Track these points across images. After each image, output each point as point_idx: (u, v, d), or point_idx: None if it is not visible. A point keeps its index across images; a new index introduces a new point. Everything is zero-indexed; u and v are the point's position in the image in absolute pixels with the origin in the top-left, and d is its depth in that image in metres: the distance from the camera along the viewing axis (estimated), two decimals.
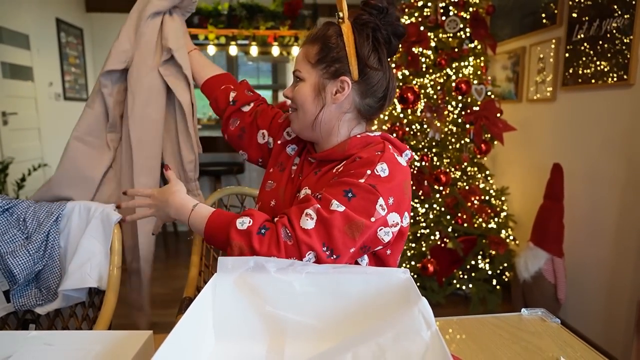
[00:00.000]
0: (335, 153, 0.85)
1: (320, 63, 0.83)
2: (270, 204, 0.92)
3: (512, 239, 2.50)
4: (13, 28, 3.99)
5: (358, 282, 0.66)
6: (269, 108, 1.06)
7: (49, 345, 0.60)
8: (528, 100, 2.55)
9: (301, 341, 0.65)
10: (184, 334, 0.55)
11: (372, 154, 0.79)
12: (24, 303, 1.03)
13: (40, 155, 4.37)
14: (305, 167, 0.92)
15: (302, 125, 0.87)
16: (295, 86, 0.86)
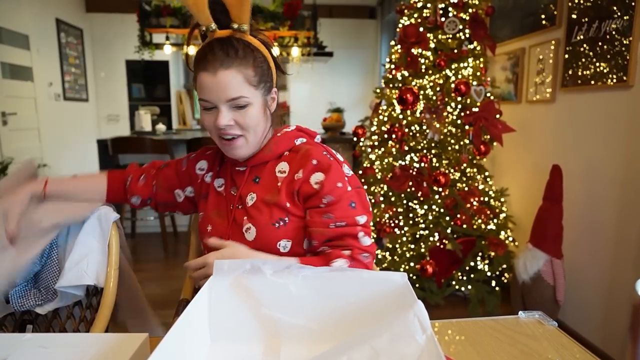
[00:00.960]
0: (265, 155, 0.92)
1: (260, 83, 0.85)
2: (207, 229, 0.93)
3: (512, 240, 2.50)
4: (13, 28, 3.99)
5: (354, 285, 0.66)
6: (162, 171, 1.05)
7: (44, 347, 0.60)
8: (527, 102, 2.55)
9: (297, 344, 0.65)
10: (179, 336, 0.55)
11: (320, 155, 0.88)
12: (23, 303, 1.03)
13: (40, 155, 4.37)
14: (237, 179, 0.94)
15: (254, 146, 0.89)
16: (237, 112, 0.83)
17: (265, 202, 0.88)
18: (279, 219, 0.87)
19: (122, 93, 5.84)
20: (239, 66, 0.81)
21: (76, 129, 5.16)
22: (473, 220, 2.39)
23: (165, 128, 4.45)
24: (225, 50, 0.81)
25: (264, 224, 0.87)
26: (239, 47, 0.82)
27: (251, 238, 0.87)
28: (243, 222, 0.89)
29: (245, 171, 0.93)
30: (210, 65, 0.81)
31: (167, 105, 6.08)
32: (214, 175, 0.99)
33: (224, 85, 0.81)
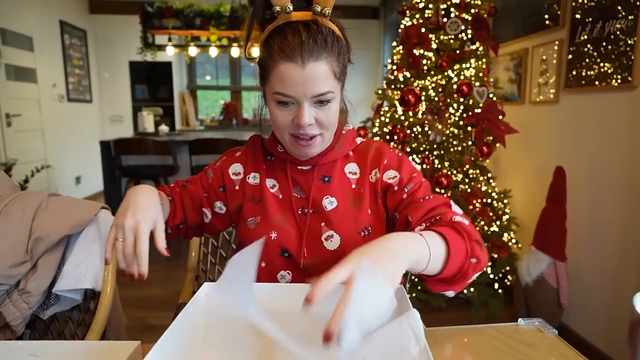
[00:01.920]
0: (335, 153, 0.85)
1: (342, 75, 0.76)
2: (271, 237, 0.81)
3: (515, 243, 2.48)
4: (17, 30, 4.01)
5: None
6: (187, 188, 0.90)
7: (35, 356, 0.59)
8: (531, 102, 2.52)
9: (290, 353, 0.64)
10: (173, 341, 0.55)
11: (389, 151, 0.86)
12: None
13: (44, 156, 4.39)
14: (300, 179, 0.84)
15: (328, 143, 0.81)
16: (320, 108, 0.73)
17: (349, 208, 0.81)
18: (364, 227, 0.80)
19: (126, 94, 5.87)
20: (328, 57, 0.71)
21: (80, 130, 5.18)
22: (475, 222, 2.37)
23: (168, 129, 4.46)
24: (314, 38, 0.69)
25: (349, 233, 0.79)
26: (327, 35, 0.71)
27: (333, 247, 0.78)
28: (321, 229, 0.80)
29: (311, 170, 0.84)
30: (297, 55, 0.69)
31: (171, 106, 6.10)
32: (262, 175, 0.86)
33: (314, 79, 0.70)
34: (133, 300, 2.54)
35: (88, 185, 5.23)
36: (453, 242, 0.62)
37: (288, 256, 0.81)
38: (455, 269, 0.63)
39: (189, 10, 3.71)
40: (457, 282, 0.67)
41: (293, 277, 0.82)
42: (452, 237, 0.63)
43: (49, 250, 1.04)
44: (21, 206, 1.05)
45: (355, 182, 0.84)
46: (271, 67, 0.72)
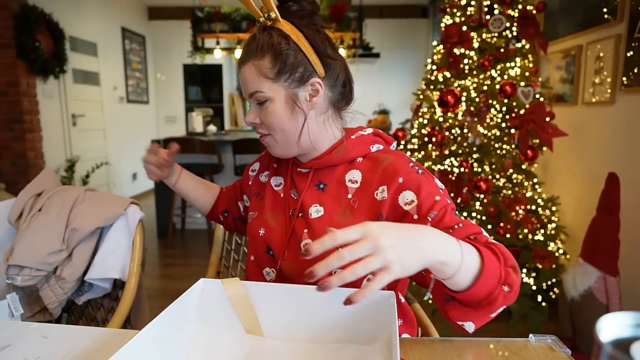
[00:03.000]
0: (332, 158, 0.80)
1: (281, 74, 0.75)
2: (259, 233, 0.84)
3: (562, 253, 2.32)
4: (83, 37, 4.36)
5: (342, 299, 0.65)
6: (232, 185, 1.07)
7: (45, 337, 0.64)
8: (584, 103, 2.35)
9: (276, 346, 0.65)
10: (169, 320, 0.58)
11: (407, 169, 0.75)
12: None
13: (104, 154, 4.73)
14: (297, 181, 0.84)
15: (286, 146, 0.80)
16: (260, 110, 0.77)
17: (334, 219, 0.76)
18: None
19: (180, 95, 6.18)
20: (254, 59, 0.75)
21: (137, 129, 5.53)
22: (518, 230, 2.24)
23: (215, 129, 4.64)
24: (248, 45, 0.77)
25: None
26: (258, 38, 0.76)
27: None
28: (303, 235, 0.78)
29: (307, 174, 0.83)
30: (238, 63, 0.80)
31: (221, 107, 6.34)
32: (270, 173, 0.91)
33: (244, 81, 0.77)
34: (158, 292, 2.67)
35: (143, 181, 5.57)
36: (488, 260, 0.57)
37: (272, 254, 0.82)
38: (484, 291, 0.57)
39: (236, 14, 3.84)
40: (481, 310, 0.61)
41: (276, 275, 0.83)
42: (488, 256, 0.58)
43: (83, 241, 1.12)
44: (60, 199, 1.15)
45: (353, 192, 0.78)
46: None
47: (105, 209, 1.14)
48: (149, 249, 3.52)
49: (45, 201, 1.15)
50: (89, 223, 1.11)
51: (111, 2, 4.90)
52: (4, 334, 0.65)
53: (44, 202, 1.15)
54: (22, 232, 1.08)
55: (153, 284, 2.82)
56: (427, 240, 0.52)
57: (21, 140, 3.46)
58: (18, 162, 3.48)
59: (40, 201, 1.15)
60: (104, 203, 1.17)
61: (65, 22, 3.87)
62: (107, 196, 1.19)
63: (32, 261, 1.04)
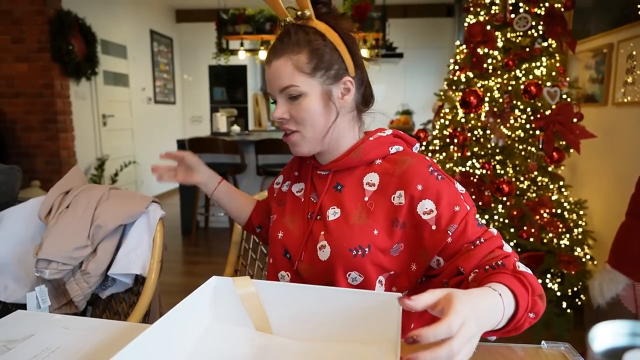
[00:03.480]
0: (350, 160, 0.80)
1: (317, 70, 0.76)
2: (277, 236, 0.86)
3: (590, 259, 2.24)
4: (114, 40, 4.51)
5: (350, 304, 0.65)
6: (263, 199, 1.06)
7: (66, 329, 0.68)
8: (614, 104, 2.26)
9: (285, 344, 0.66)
10: (180, 315, 0.60)
11: (427, 175, 0.74)
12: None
13: (132, 153, 4.88)
14: (317, 184, 0.85)
15: (313, 143, 0.80)
16: (291, 104, 0.77)
17: (350, 221, 0.77)
18: (358, 245, 0.75)
19: (205, 96, 6.30)
20: (289, 53, 0.75)
21: (164, 129, 5.67)
22: (543, 234, 2.18)
23: (239, 129, 4.71)
24: (280, 40, 0.77)
25: (340, 247, 0.76)
26: (292, 34, 0.76)
27: (324, 258, 0.78)
28: (319, 237, 0.79)
29: (327, 176, 0.84)
30: (268, 57, 0.78)
31: (245, 107, 6.43)
32: (292, 182, 0.92)
33: (275, 75, 0.76)
34: (180, 288, 2.73)
35: None
36: (521, 298, 0.59)
37: (289, 257, 0.83)
38: (513, 324, 0.60)
39: (260, 15, 3.89)
40: (507, 333, 0.63)
41: (291, 278, 0.84)
42: (521, 293, 0.59)
43: (107, 237, 1.17)
44: (86, 197, 1.20)
45: (369, 195, 0.78)
46: None
47: (127, 207, 1.19)
48: (173, 246, 3.62)
49: (73, 199, 1.20)
50: (113, 220, 1.15)
51: (141, 6, 5.05)
52: (30, 324, 0.69)
53: (71, 200, 1.20)
54: (50, 228, 1.13)
55: (176, 280, 2.90)
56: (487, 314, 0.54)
57: (55, 140, 3.62)
58: (52, 161, 3.64)
59: (68, 199, 1.20)
60: (126, 201, 1.21)
61: (97, 26, 4.02)
62: (129, 194, 1.24)
63: (59, 255, 1.09)
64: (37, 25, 3.46)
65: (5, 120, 3.57)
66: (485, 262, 0.68)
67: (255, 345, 0.66)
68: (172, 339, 0.59)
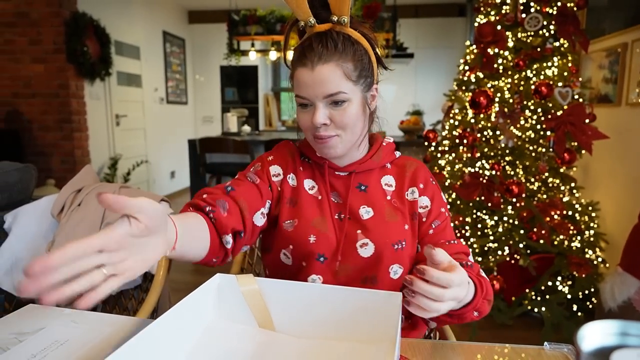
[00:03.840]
0: (372, 163, 0.87)
1: (360, 78, 0.78)
2: (309, 241, 0.80)
3: (602, 261, 2.21)
4: (128, 42, 4.58)
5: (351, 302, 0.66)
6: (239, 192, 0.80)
7: (75, 322, 0.70)
8: (628, 104, 2.23)
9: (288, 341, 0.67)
10: (184, 311, 0.62)
11: (427, 178, 0.89)
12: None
13: (144, 152, 4.94)
14: (337, 184, 0.86)
15: (350, 146, 0.82)
16: (334, 109, 0.77)
17: (385, 219, 0.82)
18: (398, 240, 0.81)
19: (217, 96, 6.36)
20: (338, 60, 0.75)
21: (176, 129, 5.74)
22: (553, 236, 2.16)
23: (250, 129, 4.75)
24: (324, 44, 0.76)
25: (384, 243, 0.80)
26: (338, 40, 0.76)
27: (367, 255, 0.81)
28: (357, 236, 0.81)
29: (348, 177, 0.86)
30: (308, 60, 0.76)
31: (256, 108, 6.46)
32: (299, 176, 0.87)
33: (322, 81, 0.75)
34: (190, 285, 2.76)
35: (180, 179, 5.78)
36: (476, 297, 0.70)
37: (323, 260, 0.82)
38: (461, 311, 0.70)
39: (271, 16, 3.91)
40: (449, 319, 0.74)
41: (324, 280, 0.83)
42: (477, 289, 0.70)
43: None
44: None
45: (390, 194, 0.86)
46: (293, 74, 0.81)
47: None
48: None
49: (84, 197, 1.23)
50: None
51: (154, 8, 5.12)
52: (40, 317, 0.71)
53: (83, 198, 1.23)
54: (62, 225, 1.16)
55: (185, 278, 2.93)
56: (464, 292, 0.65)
57: (70, 139, 3.69)
58: (67, 160, 3.72)
59: (80, 197, 1.23)
60: None
61: (111, 28, 4.09)
62: (139, 193, 1.26)
63: None
64: (53, 27, 3.54)
65: (23, 120, 3.66)
66: (454, 259, 0.73)
67: (257, 341, 0.67)
68: (176, 334, 0.61)
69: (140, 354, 0.52)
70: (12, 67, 3.61)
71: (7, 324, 0.69)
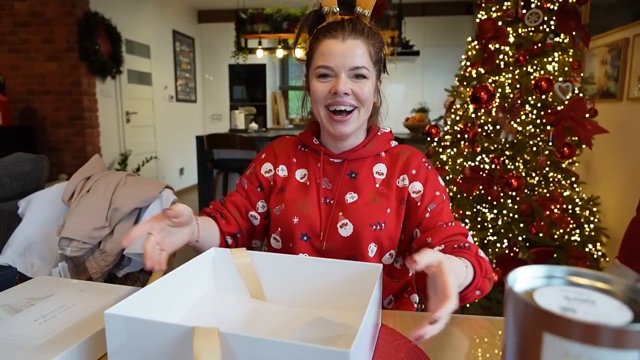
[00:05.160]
0: (366, 151, 0.91)
1: (377, 64, 0.87)
2: (293, 222, 0.88)
3: (601, 255, 2.22)
4: (138, 40, 4.67)
5: (335, 273, 0.71)
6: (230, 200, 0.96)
7: (82, 290, 0.75)
8: (629, 99, 2.23)
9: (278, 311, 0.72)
10: (178, 278, 0.67)
11: (420, 162, 0.91)
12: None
13: (154, 149, 5.04)
14: (329, 170, 0.92)
15: (360, 124, 0.88)
16: (356, 82, 0.83)
17: (367, 202, 0.87)
18: (377, 222, 0.86)
19: (225, 94, 6.44)
20: (366, 38, 0.83)
21: (185, 126, 5.83)
22: (553, 230, 2.18)
23: (257, 127, 4.81)
24: (354, 25, 0.83)
25: (362, 223, 0.86)
26: (365, 27, 0.84)
27: (346, 234, 0.86)
28: (338, 217, 0.87)
29: (341, 164, 0.91)
30: (339, 33, 0.82)
31: (264, 106, 6.53)
32: (290, 167, 0.95)
33: (352, 52, 0.81)
34: None
35: (189, 176, 5.87)
36: (476, 276, 0.71)
37: (307, 239, 0.89)
38: (463, 294, 0.71)
39: (278, 15, 3.97)
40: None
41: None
42: (476, 272, 0.72)
43: (124, 219, 1.25)
44: (105, 182, 1.29)
45: (380, 182, 0.90)
46: (316, 48, 0.86)
47: (143, 192, 1.27)
48: None
49: (93, 184, 1.30)
50: (129, 204, 1.24)
51: (164, 7, 5.21)
52: (49, 286, 0.77)
53: (91, 185, 1.29)
54: (72, 210, 1.23)
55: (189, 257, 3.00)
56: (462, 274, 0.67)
57: (81, 136, 3.79)
58: (78, 156, 3.82)
59: (89, 183, 1.30)
60: (142, 187, 1.30)
61: (122, 27, 4.18)
62: (144, 181, 1.32)
63: (80, 235, 1.18)
64: (66, 26, 3.64)
65: (37, 117, 3.77)
66: (451, 241, 0.80)
67: (249, 309, 0.73)
68: (172, 298, 0.66)
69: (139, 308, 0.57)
70: (27, 65, 3.72)
71: (20, 292, 0.75)
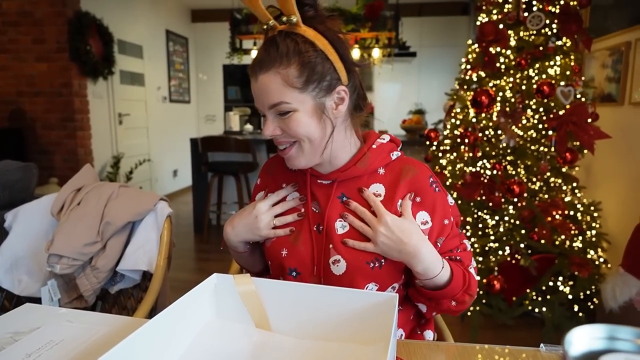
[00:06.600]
0: (357, 170, 0.78)
1: (309, 83, 0.70)
2: (281, 254, 0.79)
3: (603, 262, 2.20)
4: (131, 40, 4.58)
5: (347, 302, 0.66)
6: None
7: (70, 322, 0.70)
8: (631, 103, 2.21)
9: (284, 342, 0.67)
10: (180, 310, 0.62)
11: (427, 186, 0.78)
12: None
13: (147, 151, 4.95)
14: (318, 193, 0.80)
15: (312, 156, 0.75)
16: (281, 120, 0.72)
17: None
18: (375, 258, 0.74)
19: (219, 95, 6.36)
20: (278, 67, 0.69)
21: (178, 128, 5.75)
22: (554, 236, 2.15)
23: (252, 128, 4.74)
24: (266, 50, 0.70)
25: (356, 261, 0.74)
26: (280, 44, 0.69)
27: (339, 272, 0.75)
28: (330, 251, 0.76)
29: (329, 186, 0.80)
30: (255, 68, 0.71)
31: None
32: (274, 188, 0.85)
33: (263, 91, 0.71)
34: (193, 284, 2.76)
35: (183, 178, 5.79)
36: (456, 282, 0.74)
37: (295, 275, 0.79)
38: (439, 297, 0.75)
39: None
40: (428, 304, 0.79)
41: None
42: (457, 279, 0.75)
43: (116, 234, 1.20)
44: (97, 194, 1.23)
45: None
46: None
47: (136, 205, 1.22)
48: (186, 243, 3.68)
49: (84, 196, 1.24)
50: (121, 217, 1.18)
51: (157, 6, 5.13)
52: (36, 317, 0.72)
53: (82, 197, 1.24)
54: (62, 224, 1.17)
55: (187, 276, 2.94)
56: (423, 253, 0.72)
57: (72, 138, 3.71)
58: (69, 158, 3.73)
59: (80, 195, 1.24)
60: (135, 199, 1.24)
61: (114, 27, 4.10)
62: (138, 193, 1.27)
63: (69, 251, 1.12)
64: (56, 26, 3.55)
65: (26, 119, 3.68)
66: (450, 254, 0.81)
67: (253, 341, 0.68)
68: (171, 333, 0.61)
69: (135, 353, 0.52)
70: (16, 66, 3.62)
71: (3, 323, 0.69)
